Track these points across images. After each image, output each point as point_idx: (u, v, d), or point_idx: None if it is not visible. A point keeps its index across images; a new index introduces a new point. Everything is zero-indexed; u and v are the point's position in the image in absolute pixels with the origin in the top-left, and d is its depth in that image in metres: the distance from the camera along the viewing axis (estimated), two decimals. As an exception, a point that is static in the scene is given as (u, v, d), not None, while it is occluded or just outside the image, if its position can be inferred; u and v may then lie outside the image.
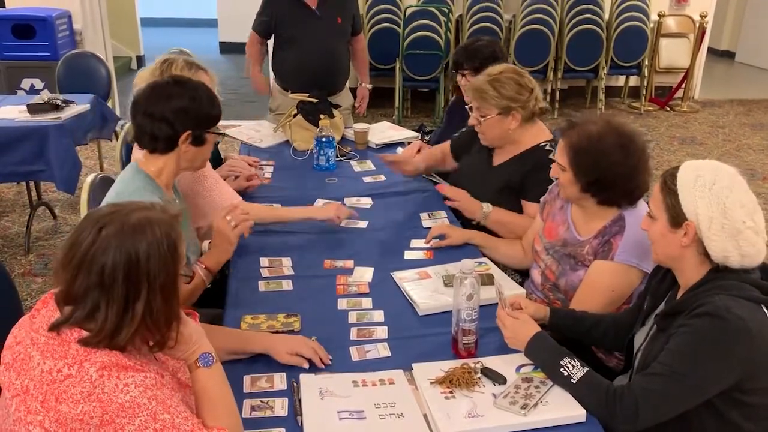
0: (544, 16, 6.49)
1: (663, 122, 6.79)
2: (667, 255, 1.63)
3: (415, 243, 2.40)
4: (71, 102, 4.02)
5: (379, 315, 1.96)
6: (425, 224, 2.57)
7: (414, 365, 1.69)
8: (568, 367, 1.58)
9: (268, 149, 3.38)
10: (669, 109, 7.15)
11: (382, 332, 1.87)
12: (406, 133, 3.60)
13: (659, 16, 6.93)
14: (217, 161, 2.93)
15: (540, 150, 2.47)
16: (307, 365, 1.70)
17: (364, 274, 2.18)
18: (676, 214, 1.56)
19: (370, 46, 4.49)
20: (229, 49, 9.54)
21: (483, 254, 2.35)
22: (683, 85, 7.10)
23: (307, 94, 3.42)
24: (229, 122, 5.21)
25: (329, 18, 3.68)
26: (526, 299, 1.96)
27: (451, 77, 5.86)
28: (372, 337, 1.85)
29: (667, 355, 1.51)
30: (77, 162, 3.86)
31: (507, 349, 1.74)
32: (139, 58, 8.69)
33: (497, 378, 1.63)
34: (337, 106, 3.49)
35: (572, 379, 1.56)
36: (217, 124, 2.01)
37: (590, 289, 1.98)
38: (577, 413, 1.52)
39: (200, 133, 1.95)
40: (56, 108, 3.90)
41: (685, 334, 1.50)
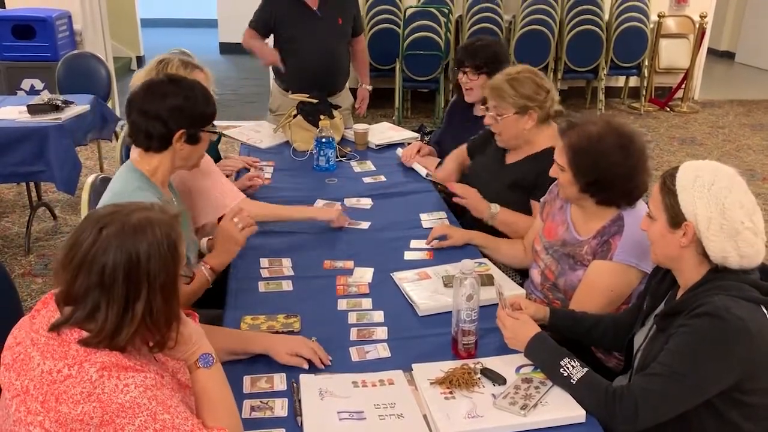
0: (544, 16, 6.49)
1: (663, 123, 6.79)
2: (667, 255, 1.63)
3: (414, 243, 2.41)
4: (71, 102, 4.02)
5: (378, 315, 1.96)
6: (425, 225, 2.57)
7: (414, 366, 1.70)
8: (567, 368, 1.58)
9: (268, 150, 3.38)
10: (669, 109, 7.15)
11: (381, 333, 1.87)
12: (406, 134, 3.60)
13: (659, 16, 6.93)
14: (216, 162, 2.93)
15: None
16: (306, 366, 1.70)
17: (364, 275, 2.18)
18: (675, 215, 1.56)
19: (370, 47, 4.48)
20: (229, 49, 9.55)
21: (484, 255, 2.35)
22: (683, 86, 7.10)
23: (307, 95, 3.42)
24: (229, 123, 5.23)
25: (330, 18, 3.67)
26: (526, 300, 1.96)
27: (453, 76, 5.87)
28: (372, 338, 1.85)
29: (667, 355, 1.51)
30: (77, 162, 3.86)
31: (507, 349, 1.74)
32: (139, 58, 8.69)
33: (497, 378, 1.63)
34: (337, 107, 3.49)
35: (572, 380, 1.57)
36: (211, 122, 2.01)
37: (589, 289, 1.99)
38: (577, 414, 1.52)
39: (195, 131, 1.94)
40: (56, 108, 3.89)
41: (684, 334, 1.50)
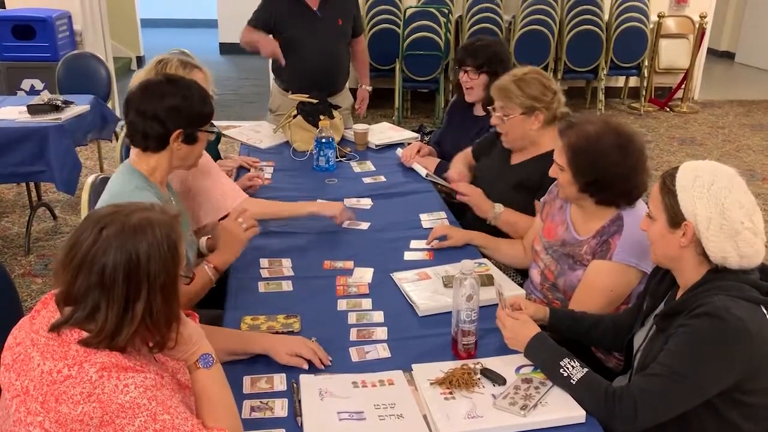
0: (544, 16, 6.49)
1: (663, 123, 6.79)
2: (666, 255, 1.63)
3: (414, 244, 2.40)
4: (71, 103, 4.02)
5: (378, 316, 1.96)
6: (425, 225, 2.57)
7: (414, 366, 1.70)
8: (567, 368, 1.58)
9: (267, 150, 3.38)
10: (669, 109, 7.15)
11: (381, 333, 1.87)
12: (406, 134, 3.60)
13: (659, 16, 6.94)
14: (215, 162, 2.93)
15: None
16: (306, 366, 1.70)
17: (364, 275, 2.18)
18: (675, 215, 1.56)
19: (369, 47, 4.47)
20: (229, 49, 9.55)
21: (484, 255, 2.35)
22: (683, 86, 7.10)
23: (307, 95, 3.42)
24: (228, 123, 5.23)
25: (330, 19, 3.67)
26: (525, 300, 1.96)
27: (453, 75, 5.87)
28: (372, 338, 1.85)
29: (667, 355, 1.51)
30: (77, 163, 3.86)
31: (507, 349, 1.74)
32: (139, 58, 8.69)
33: (497, 379, 1.63)
34: (336, 107, 3.49)
35: (572, 380, 1.56)
36: (209, 122, 2.00)
37: (588, 289, 1.99)
38: (577, 414, 1.52)
39: (192, 131, 1.94)
40: (56, 109, 3.89)
41: (684, 334, 1.50)
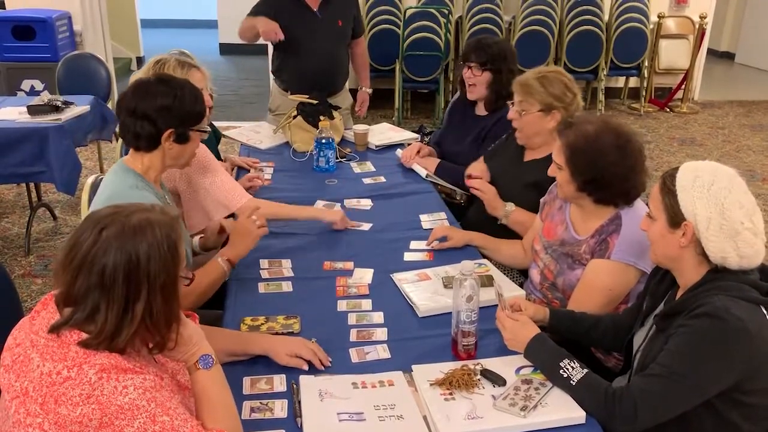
0: (544, 17, 6.49)
1: (663, 123, 6.79)
2: (666, 255, 1.63)
3: (414, 244, 2.40)
4: (71, 103, 4.02)
5: (378, 316, 1.96)
6: (425, 226, 2.57)
7: (414, 367, 1.69)
8: (567, 369, 1.58)
9: (267, 150, 3.38)
10: (669, 110, 7.15)
11: (381, 334, 1.87)
12: (406, 135, 3.60)
13: (659, 17, 6.94)
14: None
15: None
16: (306, 367, 1.70)
17: (364, 276, 2.18)
18: (675, 215, 1.56)
19: (369, 48, 4.47)
20: (229, 50, 9.56)
21: (483, 255, 2.35)
22: (683, 87, 7.10)
23: (307, 96, 3.42)
24: (228, 123, 5.24)
25: (330, 20, 3.66)
26: (525, 301, 1.96)
27: (456, 72, 5.86)
28: (372, 339, 1.85)
29: (667, 355, 1.51)
30: (77, 163, 3.86)
31: (506, 350, 1.74)
32: (139, 59, 8.69)
33: (497, 379, 1.63)
34: (336, 108, 3.49)
35: (572, 381, 1.56)
36: (201, 121, 2.00)
37: (587, 288, 1.99)
38: (577, 415, 1.52)
39: (183, 130, 1.94)
40: (56, 109, 3.89)
41: (684, 334, 1.50)
